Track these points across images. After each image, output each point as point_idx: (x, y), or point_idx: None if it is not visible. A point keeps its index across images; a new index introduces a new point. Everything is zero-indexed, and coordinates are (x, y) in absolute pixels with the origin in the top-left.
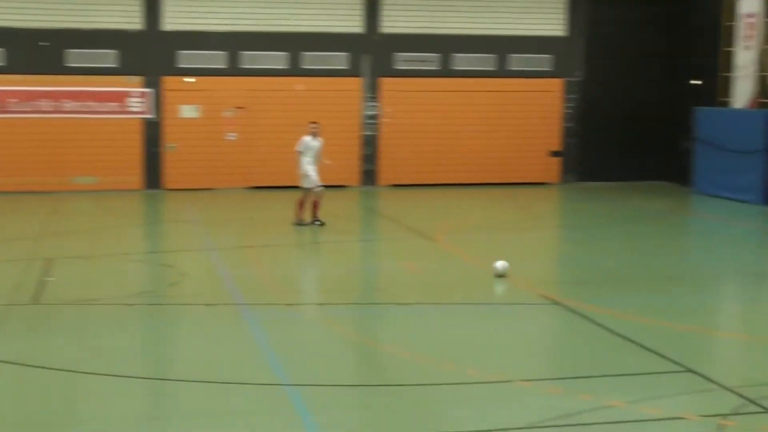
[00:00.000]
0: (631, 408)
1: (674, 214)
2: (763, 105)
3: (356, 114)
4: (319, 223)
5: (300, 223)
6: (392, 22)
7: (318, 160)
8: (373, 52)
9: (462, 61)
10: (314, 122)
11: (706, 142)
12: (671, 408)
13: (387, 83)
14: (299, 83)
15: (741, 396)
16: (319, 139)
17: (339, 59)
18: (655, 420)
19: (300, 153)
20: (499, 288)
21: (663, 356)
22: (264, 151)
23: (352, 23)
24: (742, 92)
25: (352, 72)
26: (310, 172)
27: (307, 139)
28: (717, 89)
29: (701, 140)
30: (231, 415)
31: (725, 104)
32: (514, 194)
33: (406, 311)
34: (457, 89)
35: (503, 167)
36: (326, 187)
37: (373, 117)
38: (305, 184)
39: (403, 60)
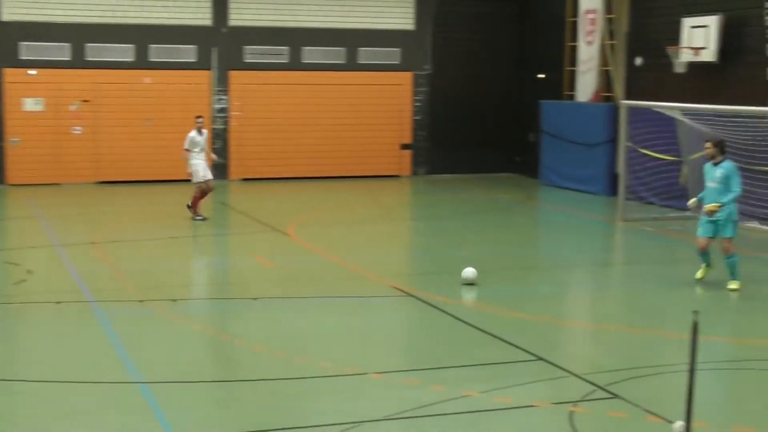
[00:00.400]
0: (485, 397)
1: (523, 206)
2: (606, 99)
3: (206, 107)
4: (201, 218)
5: (203, 218)
6: (241, 15)
7: (206, 154)
8: (221, 45)
9: (311, 54)
10: (199, 116)
11: (552, 134)
12: (524, 396)
13: (236, 76)
14: (147, 76)
15: (590, 383)
16: (204, 132)
17: (187, 52)
18: (508, 408)
19: (187, 150)
20: (352, 281)
21: (514, 345)
22: (111, 145)
23: (201, 15)
24: (585, 86)
25: (201, 65)
26: (198, 167)
27: (193, 134)
28: (562, 83)
29: (547, 133)
30: (83, 415)
31: (571, 98)
32: (366, 187)
33: (259, 306)
34: (307, 82)
35: (354, 160)
36: (178, 181)
37: (222, 110)
38: (194, 179)
39: (252, 53)
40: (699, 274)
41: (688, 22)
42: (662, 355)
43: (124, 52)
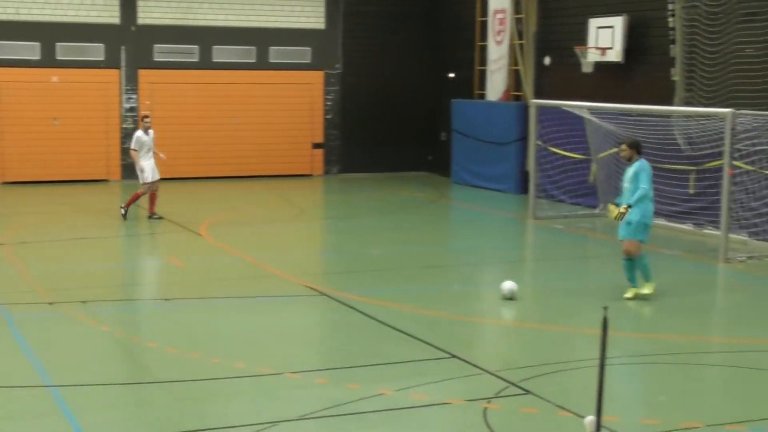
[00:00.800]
0: (400, 395)
1: (435, 204)
2: (516, 98)
3: (115, 107)
4: (156, 217)
5: (124, 213)
6: (149, 13)
7: (153, 154)
8: (130, 44)
9: (222, 53)
10: (146, 116)
11: (463, 133)
12: (438, 393)
13: (146, 75)
14: (54, 75)
15: (503, 379)
16: (151, 132)
17: (95, 50)
18: (423, 406)
19: (135, 150)
20: (265, 280)
21: (428, 343)
22: (17, 145)
23: (109, 14)
24: (495, 85)
25: (110, 64)
26: (145, 167)
27: (139, 134)
28: (473, 82)
29: (458, 132)
30: None
31: (481, 97)
32: (279, 186)
33: (171, 307)
34: (218, 81)
35: (267, 160)
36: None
37: (132, 110)
38: (141, 180)
39: (162, 52)
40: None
41: (594, 23)
42: (573, 351)
43: (31, 50)
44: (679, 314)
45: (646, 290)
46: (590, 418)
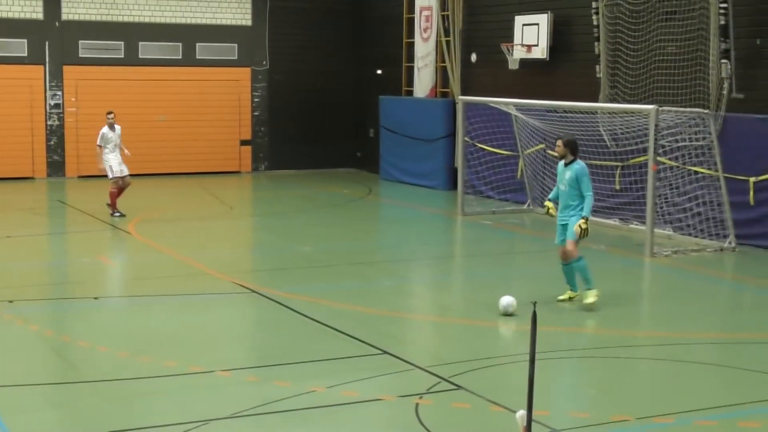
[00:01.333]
0: (331, 392)
1: (363, 201)
2: (443, 94)
3: (40, 103)
4: (119, 214)
5: (119, 215)
6: (73, 9)
7: (119, 150)
8: (54, 39)
9: (148, 49)
10: (110, 112)
11: (391, 130)
12: (370, 390)
13: (71, 71)
14: None
15: (435, 375)
16: (117, 127)
17: (18, 46)
18: (354, 403)
19: (100, 146)
20: (195, 278)
21: (359, 340)
22: None
23: (32, 9)
24: (423, 82)
25: (33, 59)
26: (112, 162)
27: (105, 130)
28: (401, 79)
29: (386, 128)
30: None
31: (409, 93)
32: (207, 183)
33: (100, 305)
34: (144, 78)
35: (194, 157)
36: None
37: (57, 106)
38: (110, 176)
39: (87, 48)
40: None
41: (520, 20)
42: (503, 346)
43: None
44: (606, 308)
45: (591, 299)
46: (521, 413)
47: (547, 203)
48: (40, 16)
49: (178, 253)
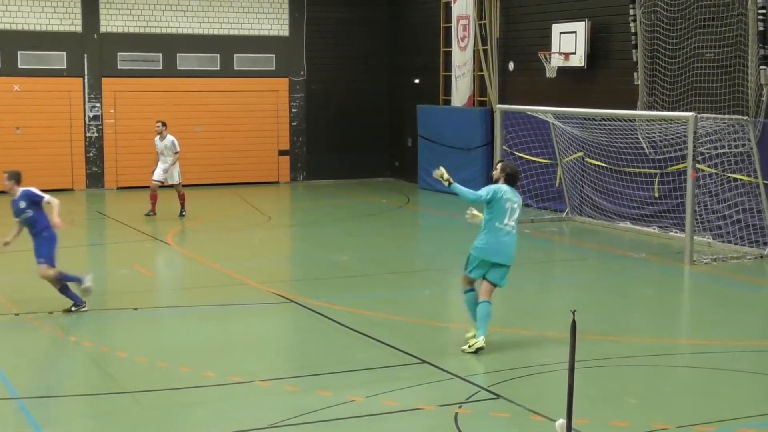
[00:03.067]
0: (371, 402)
1: (402, 210)
2: (481, 103)
3: (79, 115)
4: (151, 214)
5: (151, 214)
6: (112, 21)
7: (168, 159)
8: (93, 52)
9: (186, 60)
10: (159, 122)
11: (429, 139)
12: (409, 399)
13: (109, 83)
14: (16, 83)
15: (474, 384)
16: (167, 136)
17: (58, 59)
18: (394, 412)
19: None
20: (233, 288)
21: (398, 349)
22: None
23: (71, 22)
24: (460, 91)
25: (72, 72)
26: (155, 169)
27: (156, 139)
28: (438, 88)
29: (424, 137)
30: None
31: (447, 102)
32: (245, 194)
33: (140, 316)
34: (182, 89)
35: (232, 167)
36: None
37: (96, 118)
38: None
39: (125, 60)
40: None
41: (557, 28)
42: (543, 354)
43: None
44: (646, 316)
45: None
46: (561, 421)
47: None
48: (79, 28)
49: (216, 263)
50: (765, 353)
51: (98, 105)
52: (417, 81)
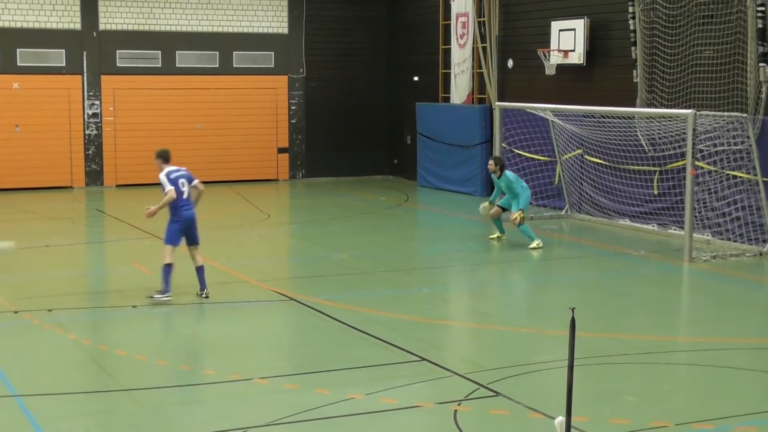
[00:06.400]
0: (369, 399)
1: (401, 208)
2: (480, 100)
3: (78, 113)
4: None
5: None
6: (111, 19)
7: None
8: (92, 50)
9: (185, 58)
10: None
11: (428, 136)
12: (408, 397)
13: (108, 81)
14: (15, 81)
15: (473, 381)
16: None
17: (57, 56)
18: (393, 410)
19: None
20: (233, 286)
21: (397, 347)
22: None
23: (69, 19)
24: (459, 88)
25: (72, 70)
26: None
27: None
28: (437, 85)
29: (423, 135)
30: None
31: (446, 100)
32: (244, 191)
33: (138, 313)
34: (181, 87)
35: (231, 165)
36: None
37: (95, 116)
38: None
39: (124, 57)
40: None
41: (556, 26)
42: (542, 352)
43: None
44: (645, 314)
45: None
46: (560, 419)
47: (485, 205)
48: (78, 26)
49: (215, 261)
50: (763, 350)
51: (97, 102)
52: (416, 78)
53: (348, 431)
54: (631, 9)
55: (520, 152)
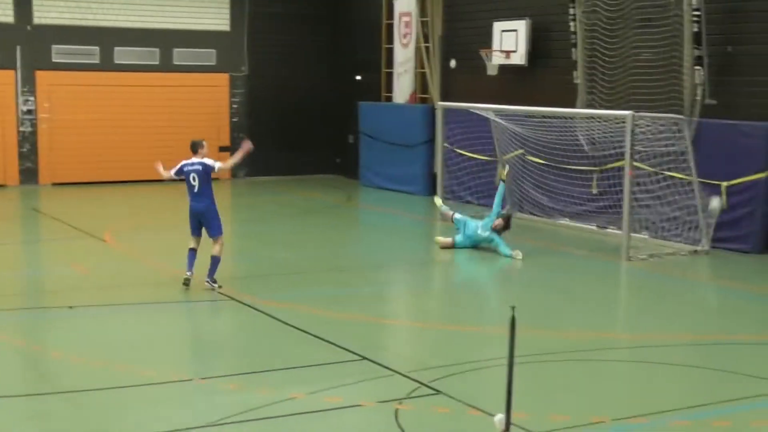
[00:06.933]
0: (311, 399)
1: (343, 207)
2: (422, 100)
3: (11, 110)
4: None
5: None
6: (46, 13)
7: None
8: (26, 44)
9: (124, 54)
10: None
11: (371, 136)
12: (350, 396)
13: (43, 77)
14: None
15: (414, 380)
16: None
17: None
18: (335, 409)
19: None
20: (173, 286)
21: (339, 346)
22: None
23: (2, 11)
24: (402, 88)
25: (4, 64)
26: None
27: None
28: (380, 85)
29: (366, 134)
30: None
31: (388, 99)
32: (185, 190)
33: (75, 314)
34: (120, 84)
35: (172, 163)
36: None
37: (30, 112)
38: None
39: (60, 53)
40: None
41: (498, 26)
42: (482, 350)
43: None
44: (584, 312)
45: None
46: (500, 416)
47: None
48: (11, 19)
49: (155, 260)
50: (698, 347)
51: (32, 99)
52: (359, 78)
53: (290, 431)
54: (572, 11)
55: (462, 152)
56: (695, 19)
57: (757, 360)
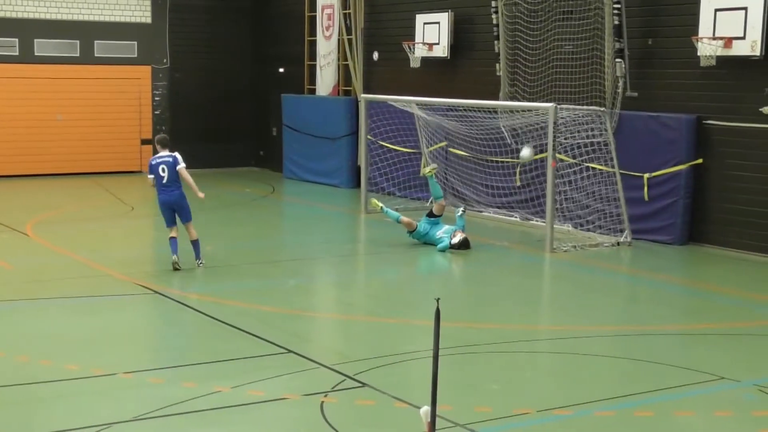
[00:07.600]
0: (236, 392)
1: (267, 200)
2: (346, 92)
3: None
4: None
5: None
6: None
7: None
8: None
9: (44, 46)
10: None
11: (294, 128)
12: (275, 389)
13: None
14: None
15: (339, 373)
16: None
17: None
18: (260, 402)
19: None
20: (96, 280)
21: (263, 339)
22: None
23: None
24: (325, 80)
25: None
26: None
27: None
28: (303, 77)
29: (289, 126)
30: None
31: (312, 92)
32: (107, 183)
33: None
34: (40, 76)
35: (94, 156)
36: None
37: None
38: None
39: None
40: None
41: (421, 18)
42: (407, 342)
43: None
44: (508, 304)
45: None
46: (426, 408)
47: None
48: None
49: (77, 254)
50: (621, 337)
51: None
52: (282, 70)
53: (215, 424)
54: (494, 3)
55: (385, 144)
56: (616, 11)
57: (680, 350)
